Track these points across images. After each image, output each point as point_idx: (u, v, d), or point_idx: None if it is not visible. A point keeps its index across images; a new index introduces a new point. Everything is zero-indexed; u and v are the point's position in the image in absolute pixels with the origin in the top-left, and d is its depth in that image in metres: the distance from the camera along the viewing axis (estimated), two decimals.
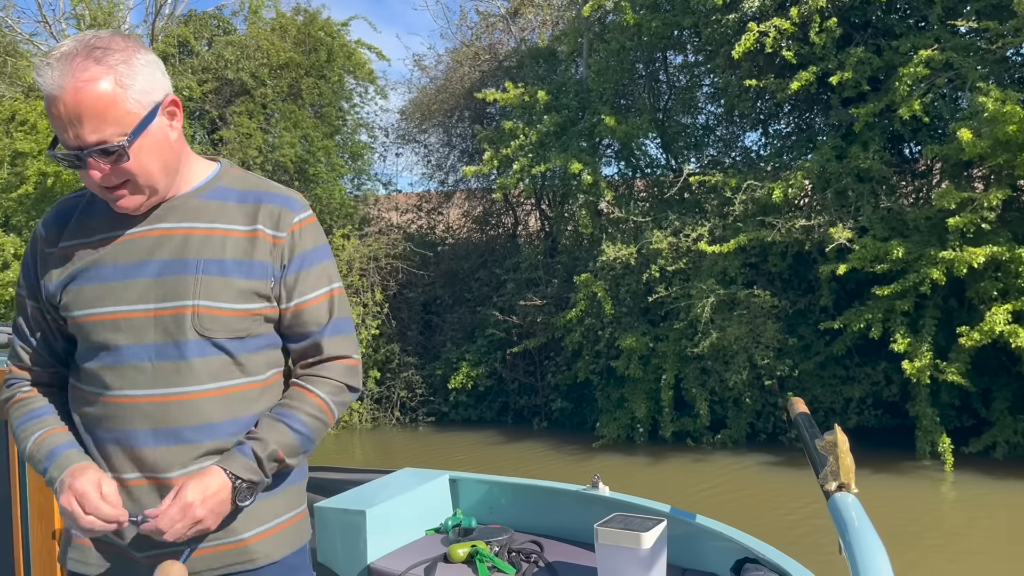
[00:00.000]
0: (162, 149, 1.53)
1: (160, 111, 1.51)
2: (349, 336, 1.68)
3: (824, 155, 8.28)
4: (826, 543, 2.71)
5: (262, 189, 1.65)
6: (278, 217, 1.60)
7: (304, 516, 1.70)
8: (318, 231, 1.67)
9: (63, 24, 13.59)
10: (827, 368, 8.83)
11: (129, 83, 1.46)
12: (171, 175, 1.57)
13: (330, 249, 1.71)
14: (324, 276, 1.65)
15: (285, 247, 1.60)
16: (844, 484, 1.55)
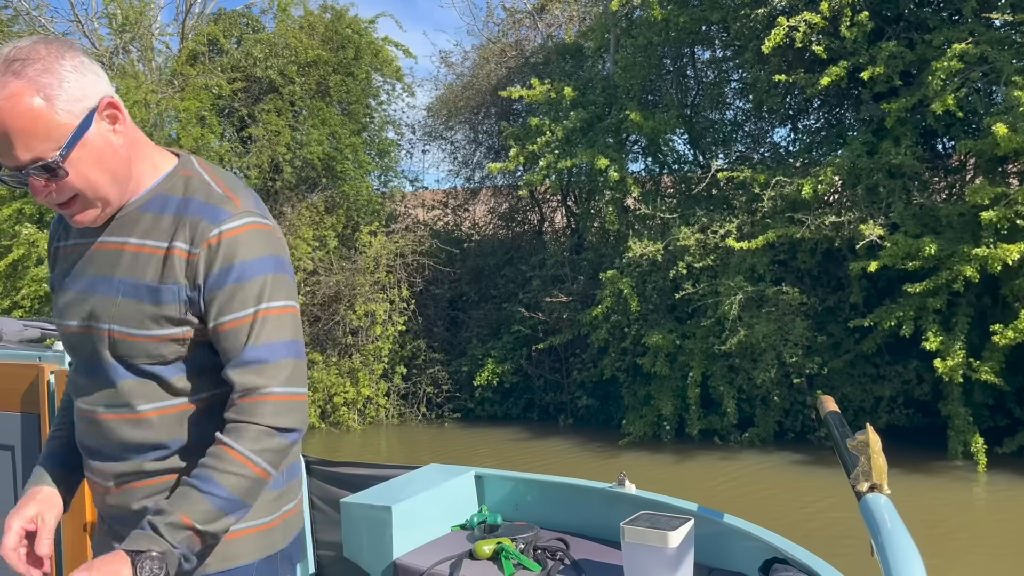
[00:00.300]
0: (106, 157, 1.43)
1: (97, 117, 1.41)
2: (275, 365, 1.44)
3: (855, 151, 8.17)
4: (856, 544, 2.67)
5: (192, 196, 1.48)
6: (195, 231, 1.44)
7: (274, 526, 1.57)
8: (251, 242, 1.45)
9: (95, 23, 13.76)
10: (857, 366, 8.72)
11: (54, 93, 1.36)
12: (123, 182, 1.47)
13: (275, 262, 1.48)
14: (245, 296, 1.43)
15: (200, 263, 1.43)
16: (876, 485, 1.52)
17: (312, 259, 11.39)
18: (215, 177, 1.52)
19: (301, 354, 1.50)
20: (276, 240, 1.51)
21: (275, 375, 1.44)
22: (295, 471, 1.65)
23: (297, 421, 1.46)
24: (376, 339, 11.03)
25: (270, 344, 1.44)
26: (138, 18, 12.64)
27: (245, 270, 1.44)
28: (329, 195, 12.01)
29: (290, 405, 1.45)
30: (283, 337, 1.47)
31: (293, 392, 1.46)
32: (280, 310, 1.47)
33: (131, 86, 11.64)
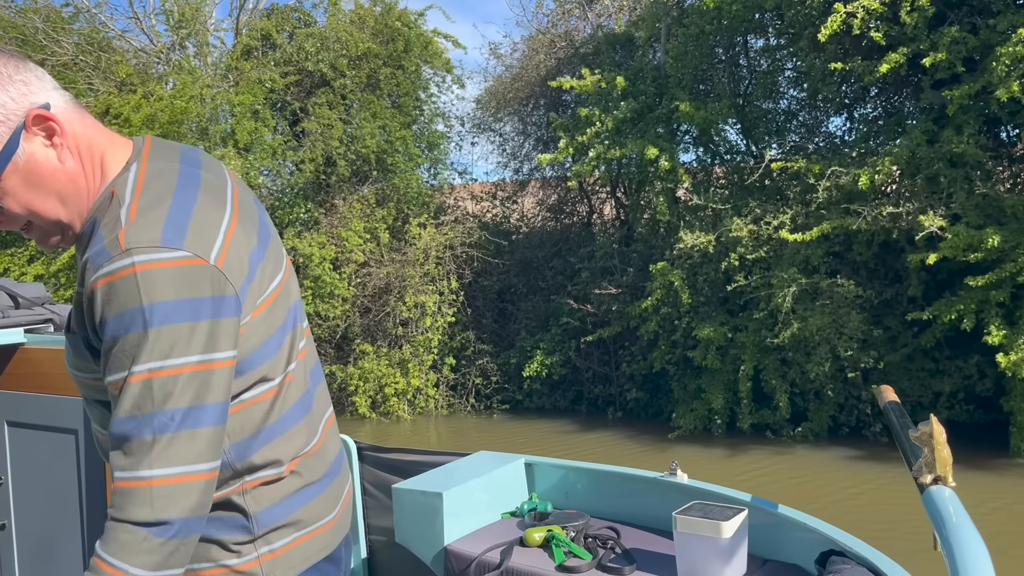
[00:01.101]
0: (44, 177, 1.26)
1: (25, 134, 1.24)
2: (146, 442, 1.17)
3: (914, 139, 7.96)
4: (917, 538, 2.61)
5: (98, 228, 1.25)
6: (85, 274, 1.23)
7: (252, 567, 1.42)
8: (126, 293, 1.17)
9: (153, 20, 14.09)
10: (915, 361, 8.52)
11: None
12: (74, 199, 1.30)
13: (158, 310, 1.17)
14: (116, 359, 1.20)
15: (85, 313, 1.24)
16: (940, 477, 1.48)
17: (363, 251, 11.51)
18: (137, 192, 1.27)
19: (194, 422, 1.20)
20: (175, 279, 1.19)
21: (146, 454, 1.18)
22: (273, 516, 1.44)
23: (181, 509, 1.19)
24: (426, 330, 11.11)
25: (143, 415, 1.18)
26: (194, 14, 12.88)
27: (118, 327, 1.19)
28: (380, 188, 12.12)
29: (169, 490, 1.18)
30: (164, 406, 1.19)
31: (173, 474, 1.18)
32: (161, 372, 1.19)
33: (187, 81, 11.88)
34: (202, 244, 1.23)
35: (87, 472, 2.76)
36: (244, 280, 1.30)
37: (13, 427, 2.98)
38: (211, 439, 1.23)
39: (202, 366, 1.22)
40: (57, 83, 1.33)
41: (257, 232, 1.38)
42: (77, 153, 1.30)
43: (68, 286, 11.86)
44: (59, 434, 2.83)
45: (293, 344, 1.46)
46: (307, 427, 1.49)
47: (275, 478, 1.43)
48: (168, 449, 1.18)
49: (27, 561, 3.03)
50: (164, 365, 1.19)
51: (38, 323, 3.05)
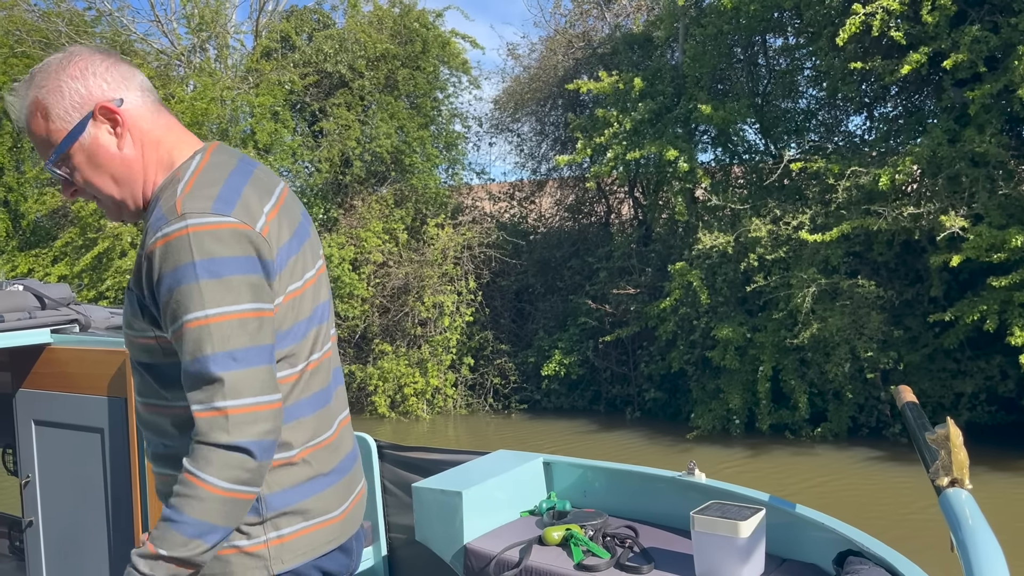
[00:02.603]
0: (104, 161, 1.48)
1: (93, 122, 1.46)
2: (207, 380, 1.35)
3: (935, 139, 7.89)
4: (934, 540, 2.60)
5: (159, 202, 1.46)
6: (146, 239, 1.42)
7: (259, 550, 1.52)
8: (180, 251, 1.36)
9: (174, 23, 14.21)
10: (936, 361, 8.45)
11: (52, 102, 1.45)
12: (127, 183, 1.50)
13: (207, 265, 1.35)
14: (176, 307, 1.36)
15: (144, 272, 1.42)
16: (957, 480, 1.48)
17: (382, 251, 11.57)
18: (194, 175, 1.46)
19: (252, 361, 1.37)
20: (212, 241, 1.37)
21: (205, 393, 1.35)
22: (284, 500, 1.53)
23: (253, 434, 1.35)
24: (444, 330, 11.15)
25: (200, 359, 1.35)
26: (214, 17, 12.99)
27: (174, 279, 1.36)
28: (398, 188, 12.17)
29: (242, 418, 1.34)
30: (213, 349, 1.35)
31: (243, 404, 1.35)
32: (218, 318, 1.35)
33: (208, 83, 11.99)
34: (247, 216, 1.42)
35: (112, 470, 2.81)
36: (276, 260, 1.46)
37: (40, 426, 3.04)
38: (270, 375, 1.39)
39: (253, 313, 1.39)
40: (149, 86, 1.55)
41: (294, 230, 1.53)
42: (140, 144, 1.50)
43: (91, 286, 12.01)
44: (85, 433, 2.88)
45: (318, 338, 1.58)
46: (322, 419, 1.58)
47: (286, 462, 1.52)
48: (239, 383, 1.35)
49: (54, 556, 3.08)
50: (220, 312, 1.36)
51: (64, 323, 3.10)
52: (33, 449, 3.05)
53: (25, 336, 2.93)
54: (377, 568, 2.93)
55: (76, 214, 12.36)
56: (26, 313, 2.99)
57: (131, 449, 2.74)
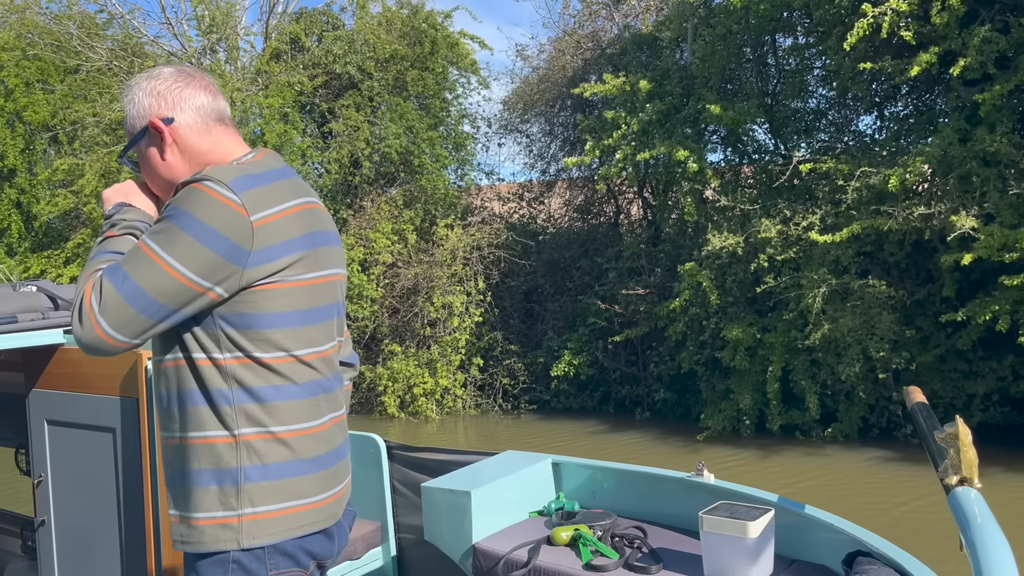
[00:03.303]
0: (152, 165, 1.79)
1: (149, 131, 1.77)
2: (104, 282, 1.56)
3: (946, 138, 7.85)
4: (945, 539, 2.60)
5: None
6: None
7: (204, 525, 1.63)
8: (183, 198, 1.58)
9: (185, 26, 14.29)
10: (948, 362, 8.41)
11: (129, 110, 1.79)
12: (170, 188, 1.76)
13: (183, 215, 1.55)
14: (152, 231, 1.61)
15: None
16: (966, 478, 1.48)
17: (391, 252, 11.60)
18: (232, 162, 1.70)
19: (137, 303, 1.54)
20: (206, 202, 1.56)
21: (98, 288, 1.55)
22: (263, 474, 1.64)
23: (78, 333, 1.56)
24: (453, 330, 11.17)
25: (127, 275, 1.55)
26: (224, 19, 13.05)
27: (167, 212, 1.59)
28: (407, 189, 12.19)
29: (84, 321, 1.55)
30: (134, 275, 1.55)
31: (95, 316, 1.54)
32: (155, 256, 1.55)
33: (218, 85, 12.03)
34: (251, 205, 1.58)
35: (124, 469, 2.83)
36: (267, 248, 1.60)
37: (53, 425, 3.06)
38: (136, 323, 1.55)
39: (178, 276, 1.55)
40: (209, 106, 1.79)
41: (307, 233, 1.68)
42: (188, 156, 1.77)
43: None
44: (97, 432, 2.89)
45: (317, 336, 1.71)
46: (310, 409, 1.69)
47: (267, 436, 1.64)
48: (113, 306, 1.54)
49: (66, 556, 3.10)
50: (166, 259, 1.54)
51: None
52: (46, 449, 3.07)
53: (38, 336, 2.96)
54: (386, 568, 2.94)
55: (88, 216, 12.44)
56: (39, 314, 3.01)
57: (143, 449, 2.76)
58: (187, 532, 1.64)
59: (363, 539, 2.87)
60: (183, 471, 1.66)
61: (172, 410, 1.67)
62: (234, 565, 1.62)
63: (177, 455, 1.68)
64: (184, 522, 1.66)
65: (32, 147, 13.86)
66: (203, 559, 1.64)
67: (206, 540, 1.63)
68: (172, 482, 1.70)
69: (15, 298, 3.01)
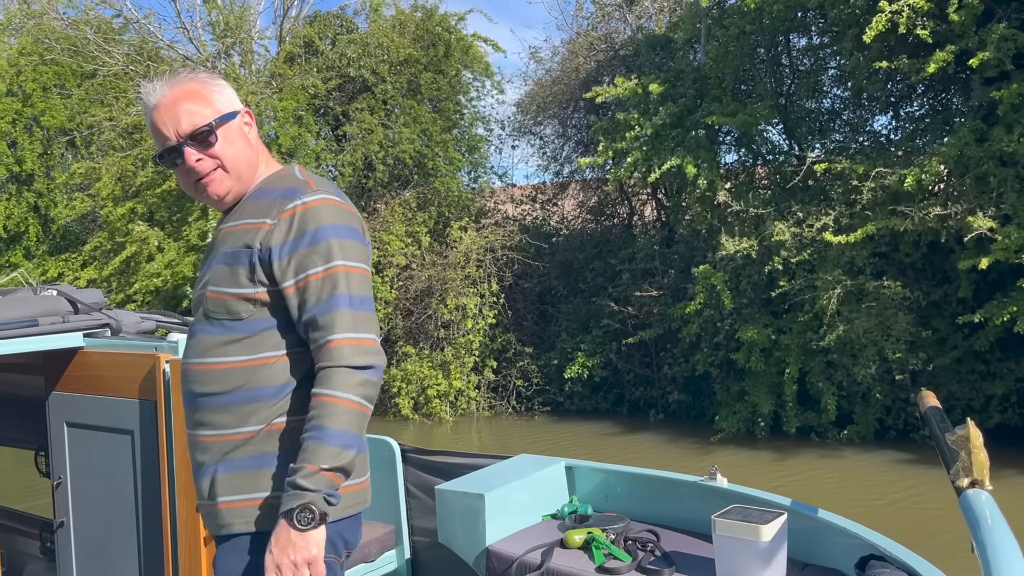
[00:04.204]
0: (242, 141, 1.84)
1: (239, 115, 1.86)
2: (338, 316, 1.66)
3: (963, 138, 7.80)
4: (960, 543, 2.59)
5: (280, 186, 1.79)
6: (276, 207, 1.74)
7: (271, 504, 1.69)
8: (322, 214, 1.71)
9: (200, 30, 14.38)
10: (965, 363, 8.35)
11: (217, 89, 1.85)
12: (251, 167, 1.85)
13: (341, 229, 1.72)
14: (314, 257, 1.69)
15: (275, 231, 1.71)
16: (977, 481, 1.48)
17: (405, 254, 11.63)
18: (305, 174, 1.83)
19: (364, 306, 1.70)
20: (348, 214, 1.76)
21: (341, 323, 1.65)
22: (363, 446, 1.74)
23: (370, 360, 1.66)
24: (467, 332, 11.19)
25: (332, 298, 1.66)
26: (239, 23, 13.13)
27: (316, 235, 1.69)
28: (420, 191, 12.23)
29: (367, 348, 1.66)
30: (344, 290, 1.68)
31: (360, 337, 1.66)
32: (342, 268, 1.69)
33: (233, 88, 12.10)
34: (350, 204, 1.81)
35: (142, 472, 2.86)
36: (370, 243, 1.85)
37: (72, 428, 3.09)
38: (375, 320, 1.74)
39: (367, 272, 1.75)
40: None
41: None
42: (259, 144, 1.90)
43: (119, 290, 12.18)
44: (116, 435, 2.93)
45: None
46: None
47: None
48: (356, 320, 1.67)
49: (84, 557, 3.14)
50: (351, 264, 1.70)
51: (96, 327, 3.16)
52: (65, 451, 3.10)
53: (58, 340, 2.99)
54: (401, 570, 2.95)
55: (105, 219, 12.55)
56: (59, 317, 3.05)
57: (160, 451, 2.79)
58: (210, 518, 1.73)
59: (378, 541, 2.89)
60: (271, 455, 1.71)
61: (278, 401, 1.72)
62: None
63: (270, 441, 1.72)
64: (263, 503, 1.70)
65: (50, 151, 14.00)
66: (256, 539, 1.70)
67: (232, 523, 1.72)
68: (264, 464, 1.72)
69: (36, 302, 3.05)
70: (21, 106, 13.60)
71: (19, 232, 13.87)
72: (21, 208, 13.77)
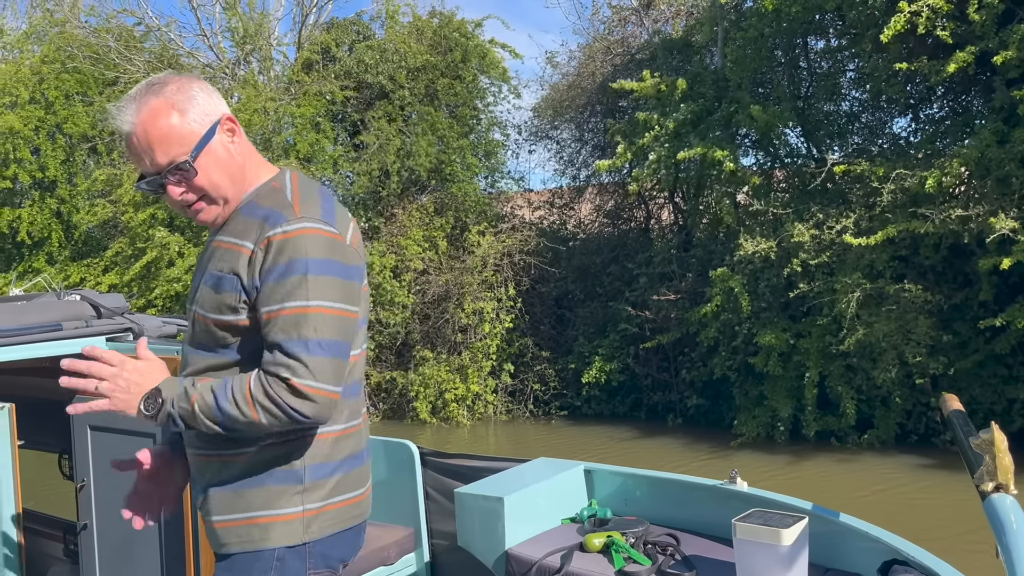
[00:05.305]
0: (225, 163, 1.71)
1: (219, 129, 1.70)
2: (297, 360, 1.57)
3: (984, 140, 7.73)
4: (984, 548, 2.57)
5: (267, 205, 1.68)
6: (258, 231, 1.64)
7: (297, 519, 1.69)
8: (297, 245, 1.60)
9: (219, 37, 14.51)
10: (987, 367, 8.26)
11: (186, 108, 1.66)
12: (238, 184, 1.73)
13: (318, 264, 1.61)
14: (283, 291, 1.59)
15: (256, 260, 1.62)
16: (1002, 485, 1.47)
17: (422, 259, 11.67)
18: (296, 189, 1.71)
19: (329, 351, 1.59)
20: (330, 245, 1.64)
21: (293, 368, 1.56)
22: (329, 471, 1.72)
23: (314, 412, 1.58)
24: (484, 336, 11.20)
25: (295, 340, 1.57)
26: (257, 30, 13.24)
27: (288, 269, 1.59)
28: (438, 197, 12.27)
29: (314, 397, 1.57)
30: (317, 335, 1.58)
31: (317, 387, 1.57)
32: (319, 309, 1.59)
33: (251, 95, 12.21)
34: (342, 229, 1.69)
35: None
36: (362, 267, 1.75)
37: (95, 431, 3.13)
38: (342, 368, 1.63)
39: (341, 312, 1.63)
40: None
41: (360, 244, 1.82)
42: (245, 153, 1.75)
43: (141, 295, 12.29)
44: (138, 438, 2.95)
45: (361, 336, 1.80)
46: (356, 407, 1.80)
47: (329, 435, 1.72)
48: (318, 367, 1.57)
49: (107, 559, 3.17)
50: (318, 304, 1.59)
51: (118, 332, 3.20)
52: (88, 454, 3.14)
53: (82, 344, 3.03)
54: (420, 573, 2.96)
55: (126, 224, 12.67)
56: (83, 322, 3.09)
57: None
58: (248, 531, 1.69)
59: (397, 545, 2.90)
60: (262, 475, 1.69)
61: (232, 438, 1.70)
62: (277, 563, 1.70)
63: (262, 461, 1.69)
64: (254, 523, 1.69)
65: (72, 158, 14.15)
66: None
67: (271, 536, 1.69)
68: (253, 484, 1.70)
69: (59, 306, 3.09)
70: (44, 113, 13.77)
71: (42, 238, 14.03)
72: (44, 214, 13.94)
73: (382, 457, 3.02)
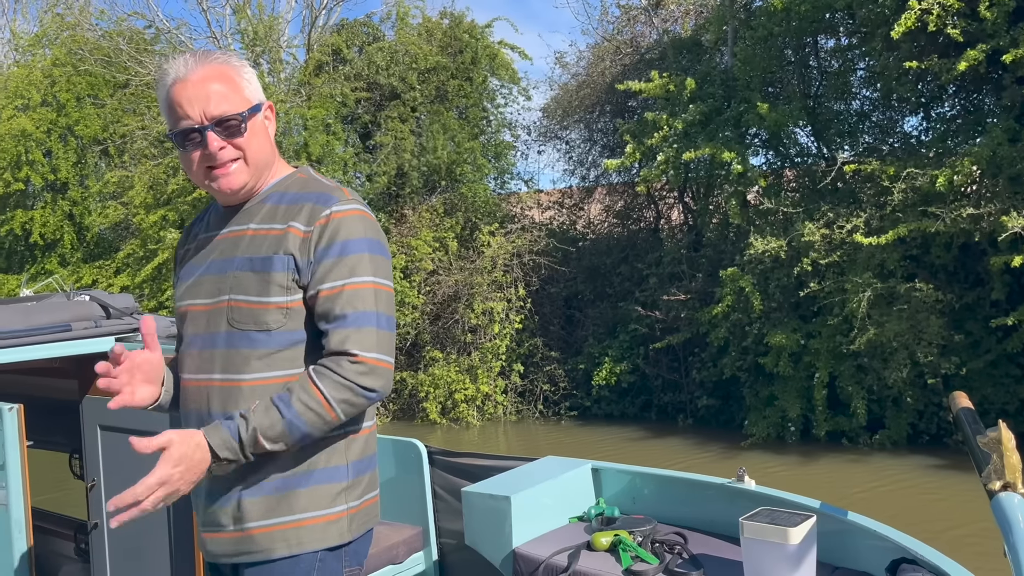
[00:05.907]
0: (265, 137, 1.76)
1: (263, 108, 1.77)
2: (364, 332, 1.61)
3: (995, 138, 7.68)
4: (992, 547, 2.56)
5: (308, 190, 1.73)
6: (311, 213, 1.66)
7: (340, 518, 1.68)
8: (354, 225, 1.66)
9: (229, 39, 14.56)
10: (999, 367, 8.21)
11: (247, 77, 1.75)
12: (267, 166, 1.77)
13: (374, 243, 1.68)
14: (345, 268, 1.63)
15: (312, 239, 1.64)
16: (1009, 483, 1.46)
17: (432, 260, 11.68)
18: (330, 180, 1.79)
19: (389, 326, 1.67)
20: (378, 228, 1.73)
21: (361, 340, 1.61)
22: (363, 468, 1.73)
23: (379, 384, 1.62)
24: (494, 337, 11.20)
25: (361, 312, 1.62)
26: (267, 32, 13.28)
27: (347, 247, 1.64)
28: (448, 197, 12.28)
29: (376, 369, 1.61)
30: (373, 308, 1.64)
31: (377, 358, 1.62)
32: (373, 284, 1.65)
33: None
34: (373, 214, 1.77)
35: None
36: None
37: (105, 431, 3.14)
38: (394, 343, 1.70)
39: (388, 288, 1.71)
40: None
41: None
42: (273, 139, 1.80)
43: (152, 296, 12.36)
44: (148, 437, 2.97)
45: None
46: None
47: (365, 432, 1.75)
48: (378, 340, 1.63)
49: (117, 559, 3.19)
50: (376, 281, 1.67)
51: (128, 332, 3.21)
52: (99, 454, 3.16)
53: (91, 344, 3.05)
54: (428, 572, 2.97)
55: (137, 226, 12.75)
56: (92, 322, 3.11)
57: None
58: (296, 533, 1.64)
59: (405, 543, 2.90)
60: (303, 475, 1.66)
61: None
62: (320, 564, 1.69)
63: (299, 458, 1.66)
64: (303, 524, 1.65)
65: (84, 160, 14.26)
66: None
67: (321, 536, 1.67)
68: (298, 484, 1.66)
69: (69, 307, 3.10)
70: (56, 116, 13.87)
71: (55, 240, 14.13)
72: (56, 216, 14.04)
73: (390, 456, 3.02)
